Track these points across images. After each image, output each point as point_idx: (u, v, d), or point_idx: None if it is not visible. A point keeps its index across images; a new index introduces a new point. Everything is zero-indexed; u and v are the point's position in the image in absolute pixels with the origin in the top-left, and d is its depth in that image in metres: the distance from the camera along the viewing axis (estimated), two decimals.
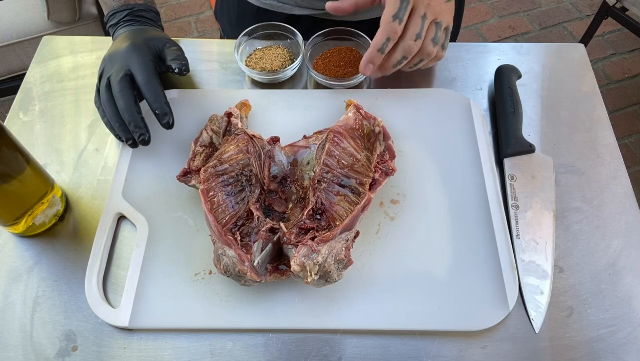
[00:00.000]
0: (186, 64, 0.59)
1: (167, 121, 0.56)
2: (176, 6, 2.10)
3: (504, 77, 0.64)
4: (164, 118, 0.56)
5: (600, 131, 0.62)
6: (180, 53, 0.61)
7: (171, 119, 0.56)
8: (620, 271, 0.52)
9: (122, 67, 0.57)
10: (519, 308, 0.50)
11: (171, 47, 0.61)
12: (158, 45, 0.61)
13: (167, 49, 0.61)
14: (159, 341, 0.48)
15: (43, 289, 0.51)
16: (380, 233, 0.53)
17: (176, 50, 0.61)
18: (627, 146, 1.67)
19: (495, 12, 2.07)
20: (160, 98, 0.56)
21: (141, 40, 0.60)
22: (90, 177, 0.59)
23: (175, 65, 0.59)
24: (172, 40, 0.63)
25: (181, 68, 0.58)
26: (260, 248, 0.47)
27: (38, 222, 0.54)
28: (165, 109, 0.56)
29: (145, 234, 0.53)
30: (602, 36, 1.97)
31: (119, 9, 0.63)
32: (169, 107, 0.57)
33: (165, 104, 0.56)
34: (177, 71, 0.58)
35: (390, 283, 0.50)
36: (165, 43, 0.61)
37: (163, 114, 0.56)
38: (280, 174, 0.55)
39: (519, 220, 0.54)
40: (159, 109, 0.56)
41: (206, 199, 0.49)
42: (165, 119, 0.56)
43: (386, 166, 0.53)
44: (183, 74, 0.59)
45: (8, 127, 0.60)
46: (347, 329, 0.48)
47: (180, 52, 0.61)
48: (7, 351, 0.48)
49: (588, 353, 0.47)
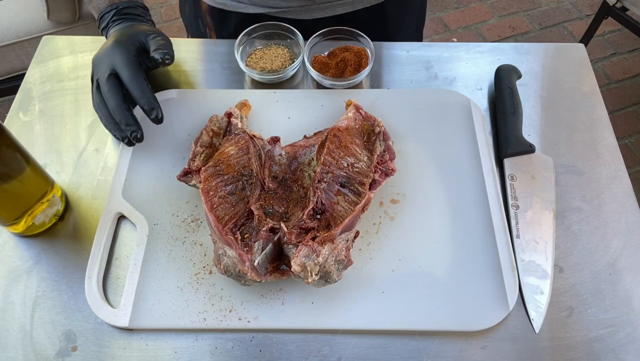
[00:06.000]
0: (169, 53, 0.58)
1: (156, 115, 0.56)
2: (176, 6, 2.10)
3: (504, 77, 0.64)
4: (152, 113, 0.56)
5: (600, 131, 0.62)
6: (164, 43, 0.59)
7: (160, 113, 0.56)
8: (620, 271, 0.52)
9: (108, 67, 0.57)
10: (519, 308, 0.50)
11: (155, 38, 0.60)
12: (142, 39, 0.60)
13: (151, 40, 0.59)
14: (159, 341, 0.48)
15: (43, 289, 0.51)
16: (380, 233, 0.53)
17: (160, 40, 0.59)
18: (627, 146, 1.67)
19: (495, 12, 2.07)
20: (146, 93, 0.56)
21: (125, 37, 0.59)
22: (90, 177, 0.59)
23: (157, 55, 0.57)
24: (157, 32, 0.61)
25: (163, 57, 0.57)
26: (260, 248, 0.47)
27: (38, 222, 0.54)
28: (153, 103, 0.56)
29: (145, 234, 0.53)
30: (602, 36, 1.97)
31: (105, 10, 0.63)
32: (157, 101, 0.56)
33: (152, 99, 0.56)
34: (159, 60, 0.57)
35: (390, 283, 0.50)
36: (149, 35, 0.60)
37: (150, 108, 0.55)
38: (280, 174, 0.55)
39: (519, 220, 0.54)
40: (146, 104, 0.56)
41: (206, 199, 0.49)
42: (153, 114, 0.56)
43: (386, 166, 0.53)
44: (166, 63, 0.58)
45: (8, 127, 0.60)
46: (347, 329, 0.48)
47: (165, 42, 0.60)
48: (7, 351, 0.48)
49: (588, 353, 0.47)
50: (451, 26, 2.04)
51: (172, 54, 0.59)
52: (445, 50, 0.70)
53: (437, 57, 0.69)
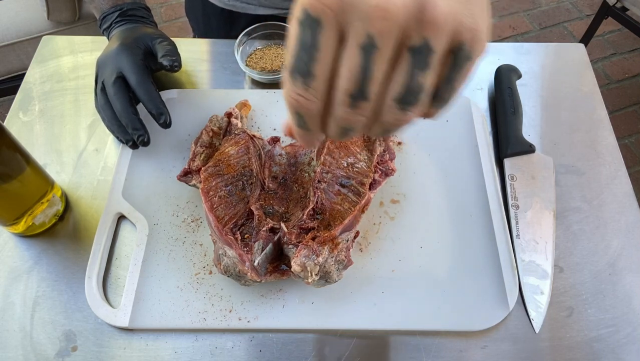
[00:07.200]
0: (177, 60, 0.58)
1: (164, 120, 0.56)
2: (176, 6, 2.10)
3: (504, 77, 0.64)
4: (160, 118, 0.56)
5: (600, 131, 0.62)
6: (171, 48, 0.60)
7: (168, 118, 0.56)
8: (620, 271, 0.52)
9: (114, 70, 0.57)
10: (519, 308, 0.50)
11: (162, 43, 0.60)
12: (148, 42, 0.60)
13: (158, 44, 0.60)
14: (159, 341, 0.48)
15: (43, 290, 0.51)
16: (380, 233, 0.53)
17: (167, 46, 0.60)
18: (627, 146, 1.67)
19: (495, 12, 2.07)
20: (154, 98, 0.56)
21: (131, 39, 0.59)
22: (90, 177, 0.59)
23: (165, 62, 0.58)
24: (163, 36, 0.62)
25: (172, 64, 0.58)
26: (260, 248, 0.47)
27: (38, 222, 0.54)
28: (161, 108, 0.56)
29: (145, 234, 0.53)
30: (602, 36, 1.97)
31: (108, 11, 0.63)
32: (165, 105, 0.57)
33: (161, 103, 0.56)
34: (168, 67, 0.58)
35: (390, 283, 0.50)
36: (156, 39, 0.60)
37: (159, 113, 0.56)
38: (280, 174, 0.55)
39: (519, 220, 0.54)
40: (154, 109, 0.56)
41: (206, 199, 0.49)
42: (162, 119, 0.56)
43: (386, 166, 0.53)
44: (175, 70, 0.58)
45: (8, 127, 0.60)
46: (347, 329, 0.48)
47: (171, 47, 0.60)
48: (7, 351, 0.48)
49: (588, 353, 0.47)
50: None
51: (180, 61, 0.59)
52: None
53: None
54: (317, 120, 0.29)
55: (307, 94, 0.27)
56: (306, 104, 0.27)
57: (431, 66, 0.26)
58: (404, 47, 0.25)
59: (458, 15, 0.25)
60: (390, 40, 0.24)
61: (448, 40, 0.25)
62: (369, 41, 0.24)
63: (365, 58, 0.25)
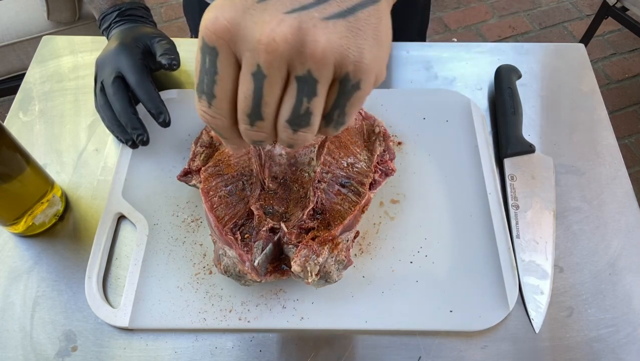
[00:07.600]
0: (176, 58, 0.58)
1: (164, 119, 0.56)
2: (176, 6, 2.10)
3: (504, 77, 0.64)
4: (159, 117, 0.56)
5: (600, 131, 0.62)
6: (170, 47, 0.59)
7: (167, 117, 0.56)
8: (620, 271, 0.52)
9: (113, 69, 0.57)
10: (519, 308, 0.50)
11: (161, 42, 0.60)
12: (147, 41, 0.60)
13: (156, 43, 0.59)
14: (159, 341, 0.48)
15: (43, 290, 0.51)
16: (380, 233, 0.53)
17: (165, 45, 0.59)
18: (627, 146, 1.67)
19: (495, 12, 2.07)
20: (153, 97, 0.56)
21: (129, 39, 0.59)
22: (90, 177, 0.59)
23: (164, 60, 0.57)
24: (162, 35, 0.62)
25: (170, 63, 0.57)
26: (260, 248, 0.47)
27: (38, 222, 0.54)
28: (160, 107, 0.56)
29: (145, 234, 0.53)
30: (602, 36, 1.97)
31: (107, 11, 0.63)
32: (164, 104, 0.57)
33: (160, 102, 0.56)
34: (166, 66, 0.57)
35: (390, 283, 0.50)
36: (154, 38, 0.60)
37: (158, 113, 0.56)
38: (280, 174, 0.55)
39: (519, 220, 0.54)
40: (153, 108, 0.56)
41: (206, 199, 0.49)
42: (161, 118, 0.56)
43: (386, 166, 0.53)
44: (173, 68, 0.58)
45: (8, 127, 0.60)
46: (347, 329, 0.48)
47: (170, 45, 0.60)
48: (7, 351, 0.48)
49: (588, 353, 0.47)
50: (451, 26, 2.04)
51: (178, 60, 0.59)
52: (445, 50, 0.70)
53: (437, 57, 0.69)
54: (229, 132, 0.32)
55: (211, 112, 0.30)
56: (212, 121, 0.31)
57: (318, 93, 0.28)
58: (292, 76, 0.27)
59: (340, 48, 0.27)
60: (276, 70, 0.27)
61: (331, 70, 0.27)
62: (258, 70, 0.27)
63: (257, 84, 0.28)
